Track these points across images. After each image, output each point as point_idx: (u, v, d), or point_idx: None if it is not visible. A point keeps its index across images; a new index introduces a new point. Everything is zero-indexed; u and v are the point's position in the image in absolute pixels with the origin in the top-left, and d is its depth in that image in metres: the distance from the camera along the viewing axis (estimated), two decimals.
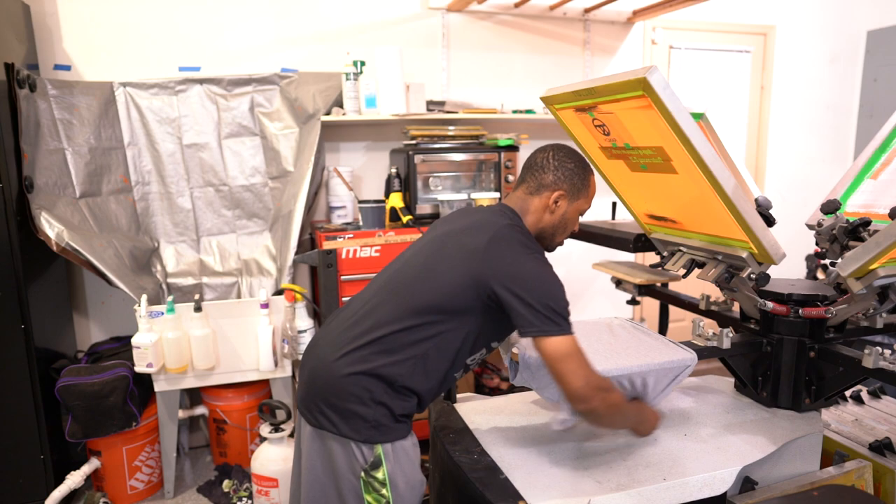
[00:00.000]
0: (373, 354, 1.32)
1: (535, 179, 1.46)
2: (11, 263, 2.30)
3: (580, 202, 1.48)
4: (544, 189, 1.45)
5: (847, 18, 4.24)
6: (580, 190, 1.47)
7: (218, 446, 2.84)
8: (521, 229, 1.40)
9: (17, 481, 2.39)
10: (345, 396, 1.31)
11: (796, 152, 4.28)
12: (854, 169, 1.94)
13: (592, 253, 3.52)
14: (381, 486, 1.30)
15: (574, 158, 1.47)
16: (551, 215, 1.46)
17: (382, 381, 1.31)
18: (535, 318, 1.27)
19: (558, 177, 1.44)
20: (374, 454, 1.30)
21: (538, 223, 1.46)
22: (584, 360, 1.29)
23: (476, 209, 1.52)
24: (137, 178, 2.83)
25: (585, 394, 1.27)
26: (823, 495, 1.32)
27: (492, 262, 1.31)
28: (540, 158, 1.48)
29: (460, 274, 1.32)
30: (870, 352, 1.42)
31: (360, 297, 1.45)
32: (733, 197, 1.39)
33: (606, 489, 1.27)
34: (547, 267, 1.34)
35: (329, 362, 1.35)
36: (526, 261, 1.32)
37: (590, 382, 1.27)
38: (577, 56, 3.63)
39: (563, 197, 1.45)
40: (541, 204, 1.45)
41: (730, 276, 1.61)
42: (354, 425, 1.30)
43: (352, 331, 1.36)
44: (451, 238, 1.41)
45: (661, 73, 1.28)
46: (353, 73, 2.85)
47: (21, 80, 2.38)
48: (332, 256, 2.60)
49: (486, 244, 1.33)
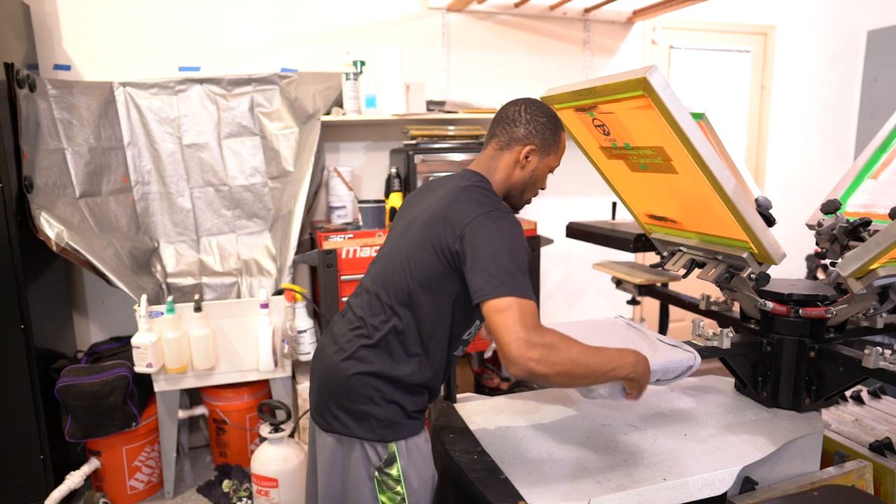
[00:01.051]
0: (375, 355, 1.32)
1: (505, 133, 1.41)
2: (11, 263, 2.30)
3: (550, 158, 1.43)
4: (515, 143, 1.40)
5: (847, 18, 4.24)
6: (551, 146, 1.42)
7: (218, 446, 2.84)
8: (479, 189, 1.34)
9: (17, 481, 2.39)
10: (355, 398, 1.31)
11: (796, 152, 4.28)
12: (854, 169, 1.93)
13: (592, 253, 3.53)
14: (395, 484, 1.31)
15: (546, 113, 1.42)
16: (521, 171, 1.41)
17: (390, 381, 1.31)
18: (482, 281, 1.18)
19: (530, 130, 1.39)
20: (388, 452, 1.31)
21: (508, 179, 1.41)
22: (524, 317, 1.13)
23: (437, 182, 1.48)
24: (137, 178, 2.83)
25: (514, 354, 1.11)
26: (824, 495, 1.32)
27: (449, 223, 1.27)
28: (511, 112, 1.42)
29: (424, 243, 1.30)
30: (870, 352, 1.41)
31: (356, 299, 1.45)
32: (733, 197, 1.39)
33: (606, 489, 1.27)
34: (504, 222, 1.25)
35: (337, 365, 1.35)
36: (480, 219, 1.24)
37: (526, 341, 1.11)
38: (577, 56, 3.63)
39: (534, 152, 1.40)
40: (511, 159, 1.40)
41: (730, 276, 1.61)
42: (368, 425, 1.31)
43: (354, 332, 1.37)
44: (416, 223, 1.37)
45: (661, 73, 1.28)
46: (353, 73, 2.85)
47: (21, 80, 2.38)
48: (331, 256, 2.60)
49: (444, 209, 1.30)
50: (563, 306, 3.88)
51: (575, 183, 3.70)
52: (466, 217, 1.25)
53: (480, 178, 1.39)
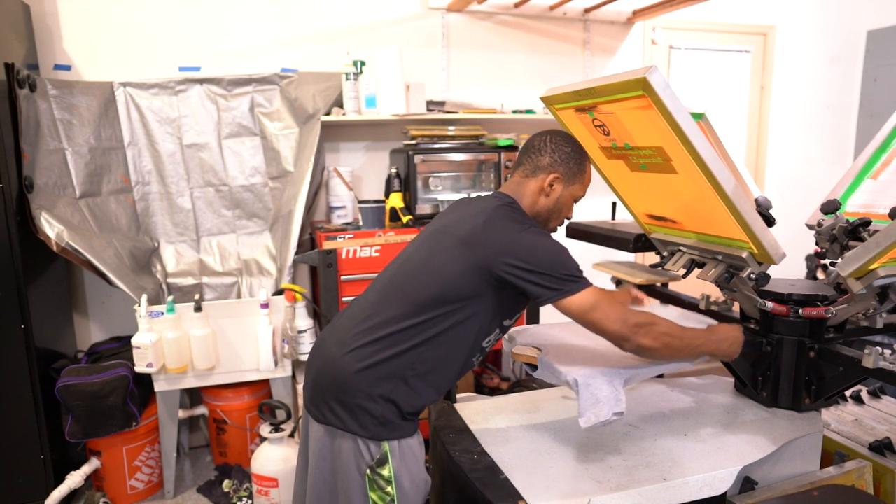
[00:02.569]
0: (382, 351, 1.33)
1: (531, 162, 1.47)
2: (11, 263, 2.30)
3: (575, 188, 1.49)
4: (540, 171, 1.46)
5: (847, 18, 4.24)
6: (576, 175, 1.48)
7: (218, 446, 2.84)
8: (513, 208, 1.42)
9: (17, 481, 2.39)
10: (354, 393, 1.32)
11: (796, 152, 4.28)
12: (854, 169, 1.93)
13: (592, 253, 3.52)
14: (386, 484, 1.31)
15: (571, 143, 1.49)
16: (546, 198, 1.47)
17: (393, 378, 1.32)
18: (548, 287, 1.30)
19: (555, 159, 1.45)
20: (380, 451, 1.31)
21: (533, 206, 1.47)
22: (613, 303, 1.31)
23: (471, 199, 1.53)
24: (137, 178, 2.83)
25: (625, 334, 1.30)
26: (823, 495, 1.32)
27: (491, 245, 1.32)
28: (537, 142, 1.49)
29: (462, 263, 1.33)
30: (870, 352, 1.41)
31: (366, 296, 1.46)
32: (733, 197, 1.39)
33: (606, 489, 1.27)
34: (544, 236, 1.37)
35: (338, 359, 1.36)
36: (523, 235, 1.34)
37: (626, 322, 1.29)
38: (577, 56, 3.63)
39: (558, 180, 1.46)
40: (536, 186, 1.46)
41: (730, 276, 1.61)
42: (363, 421, 1.31)
43: (360, 327, 1.37)
44: (448, 230, 1.42)
45: (661, 73, 1.28)
46: (353, 73, 2.85)
47: (21, 80, 2.38)
48: (332, 256, 2.60)
49: (481, 229, 1.35)
50: None
51: None
52: (507, 236, 1.33)
53: (511, 199, 1.45)
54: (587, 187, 1.53)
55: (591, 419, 1.32)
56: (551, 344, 1.55)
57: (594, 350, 1.50)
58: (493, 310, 1.37)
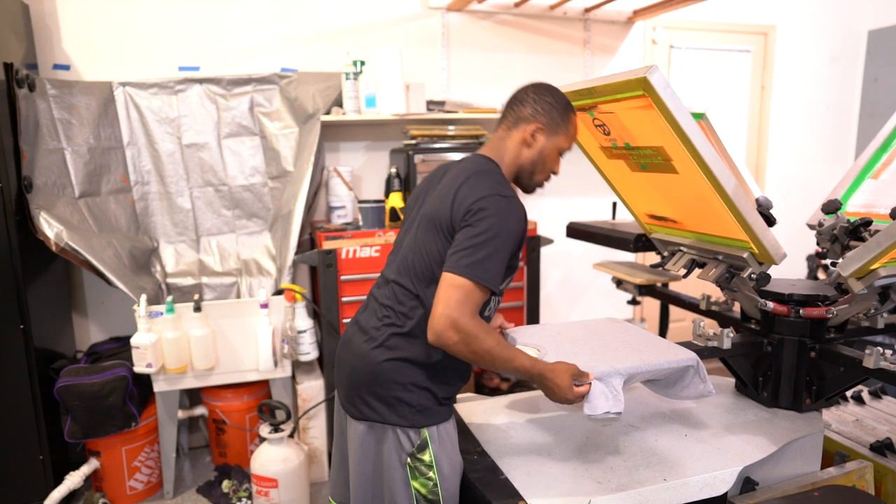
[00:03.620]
0: (407, 342, 1.34)
1: (513, 113, 1.44)
2: (10, 263, 2.30)
3: (559, 139, 1.44)
4: (522, 122, 1.42)
5: (848, 18, 4.24)
6: (559, 125, 1.43)
7: (217, 447, 2.83)
8: (489, 173, 1.38)
9: (16, 481, 2.39)
10: (388, 385, 1.34)
11: (797, 152, 4.28)
12: (855, 169, 1.93)
13: (593, 253, 3.52)
14: (427, 469, 1.32)
15: (554, 94, 1.44)
16: (529, 149, 1.43)
17: (422, 367, 1.34)
18: (457, 254, 1.25)
19: (536, 110, 1.42)
20: (420, 437, 1.33)
21: (516, 159, 1.43)
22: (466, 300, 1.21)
23: (449, 165, 1.50)
24: (137, 177, 2.83)
25: (439, 328, 1.21)
26: (824, 496, 1.31)
27: (458, 207, 1.31)
28: (520, 93, 1.46)
29: (439, 233, 1.33)
30: (870, 352, 1.41)
31: (380, 290, 1.46)
32: (734, 197, 1.39)
33: (607, 489, 1.27)
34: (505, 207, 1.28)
35: (366, 353, 1.37)
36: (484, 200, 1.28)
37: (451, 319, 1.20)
38: (577, 56, 3.62)
39: (540, 130, 1.42)
40: (518, 138, 1.42)
41: (730, 277, 1.61)
42: (401, 411, 1.33)
43: (383, 320, 1.39)
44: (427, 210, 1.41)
45: (661, 73, 1.28)
46: (353, 73, 2.85)
47: (20, 80, 2.38)
48: (331, 256, 2.60)
49: (453, 197, 1.33)
50: (563, 306, 3.88)
51: (575, 183, 3.69)
52: (472, 197, 1.30)
53: (492, 163, 1.42)
54: (573, 140, 1.47)
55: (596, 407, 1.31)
56: (551, 344, 1.54)
57: (594, 350, 1.50)
58: None
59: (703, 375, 1.44)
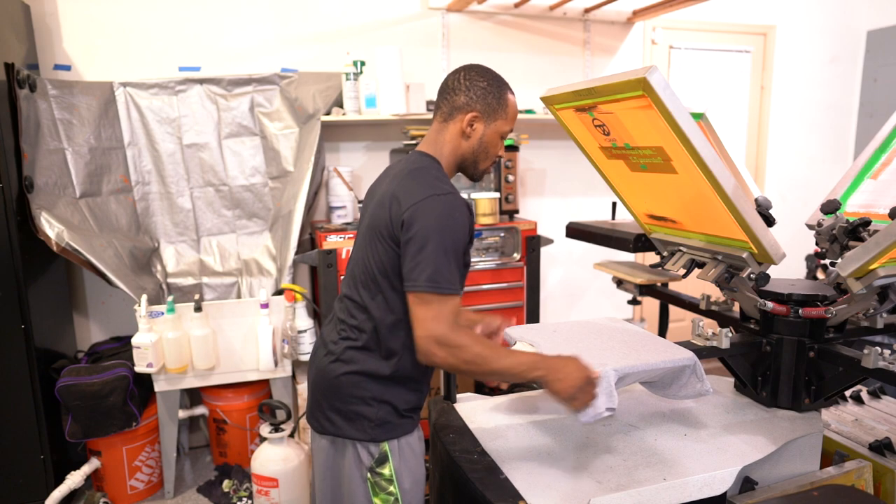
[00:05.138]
0: (362, 355, 1.32)
1: (447, 103, 1.36)
2: (11, 263, 2.30)
3: (498, 123, 1.37)
4: (457, 112, 1.34)
5: (847, 18, 4.24)
6: (496, 110, 1.36)
7: (218, 446, 2.84)
8: (425, 170, 1.32)
9: (17, 481, 2.39)
10: (346, 399, 1.31)
11: (796, 152, 4.28)
12: (854, 169, 1.93)
13: (593, 253, 3.53)
14: (387, 484, 1.30)
15: (487, 76, 1.37)
16: (468, 140, 1.36)
17: (380, 380, 1.31)
18: (410, 270, 1.21)
19: (470, 97, 1.33)
20: (380, 451, 1.31)
21: (456, 151, 1.36)
22: (439, 313, 1.19)
23: (390, 167, 1.45)
24: (137, 178, 2.83)
25: (423, 349, 1.19)
26: (823, 495, 1.32)
27: (394, 213, 1.26)
28: (451, 80, 1.37)
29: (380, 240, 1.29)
30: (869, 352, 1.41)
31: (339, 303, 1.44)
32: (733, 197, 1.39)
33: (606, 489, 1.27)
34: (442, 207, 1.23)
35: (325, 367, 1.36)
36: (419, 204, 1.23)
37: (435, 338, 1.18)
38: (577, 56, 3.63)
39: (477, 119, 1.34)
40: (455, 130, 1.35)
41: (730, 276, 1.61)
42: (360, 425, 1.31)
43: (340, 333, 1.37)
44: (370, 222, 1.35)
45: (661, 73, 1.28)
46: (353, 73, 2.85)
47: (21, 80, 2.38)
48: (332, 256, 2.60)
49: (388, 201, 1.28)
50: (563, 306, 3.88)
51: (575, 183, 3.70)
52: (407, 202, 1.24)
53: (429, 159, 1.36)
54: (514, 121, 1.40)
55: (589, 413, 1.32)
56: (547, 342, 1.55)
57: (591, 348, 1.50)
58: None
59: (699, 374, 1.44)
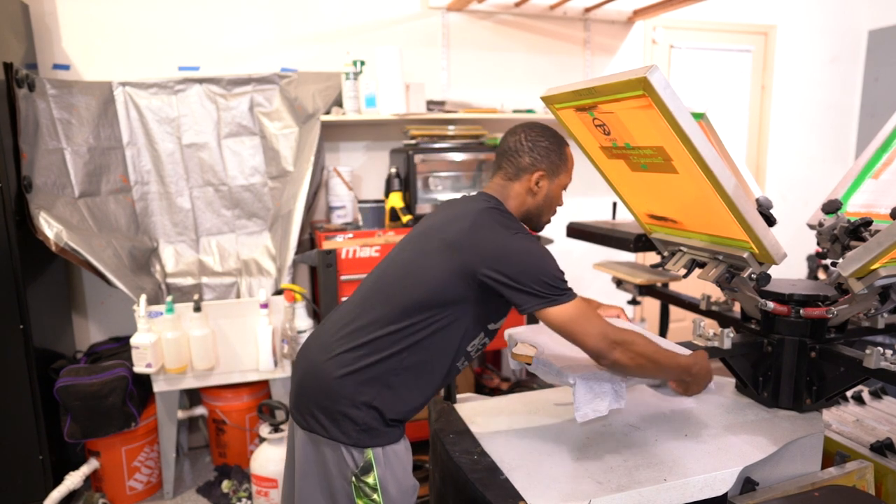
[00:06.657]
0: (365, 357, 1.31)
1: (511, 164, 1.44)
2: (10, 263, 2.30)
3: (561, 178, 1.47)
4: (523, 172, 1.43)
5: (848, 18, 4.24)
6: (559, 166, 1.46)
7: (217, 447, 2.83)
8: (501, 211, 1.39)
9: (16, 481, 2.39)
10: (336, 399, 1.30)
11: (797, 152, 4.28)
12: (855, 169, 1.93)
13: (593, 253, 3.52)
14: (371, 492, 1.29)
15: (547, 135, 1.45)
16: (534, 197, 1.45)
17: (376, 384, 1.30)
18: (531, 295, 1.28)
19: (535, 157, 1.43)
20: (364, 458, 1.29)
21: (522, 206, 1.45)
22: (592, 317, 1.30)
23: (456, 201, 1.50)
24: (136, 177, 2.83)
25: (602, 350, 1.28)
26: (824, 496, 1.31)
27: (476, 249, 1.30)
28: (512, 142, 1.45)
29: (446, 267, 1.31)
30: (871, 352, 1.41)
31: (351, 300, 1.44)
32: (734, 197, 1.38)
33: (607, 490, 1.27)
34: (531, 242, 1.33)
35: (320, 364, 1.34)
36: (509, 241, 1.31)
37: (606, 338, 1.28)
38: (578, 56, 3.62)
39: (543, 177, 1.44)
40: (521, 188, 1.44)
41: (730, 277, 1.61)
42: (344, 428, 1.29)
43: (343, 332, 1.35)
44: (432, 232, 1.39)
45: (661, 73, 1.27)
46: (353, 73, 2.85)
47: (20, 80, 2.38)
48: (331, 256, 2.60)
49: (467, 232, 1.32)
50: None
51: (575, 183, 3.67)
52: (493, 241, 1.31)
53: (497, 201, 1.43)
54: (572, 172, 1.51)
55: (587, 414, 1.33)
56: (549, 342, 1.54)
57: None
58: (477, 314, 1.35)
59: None
